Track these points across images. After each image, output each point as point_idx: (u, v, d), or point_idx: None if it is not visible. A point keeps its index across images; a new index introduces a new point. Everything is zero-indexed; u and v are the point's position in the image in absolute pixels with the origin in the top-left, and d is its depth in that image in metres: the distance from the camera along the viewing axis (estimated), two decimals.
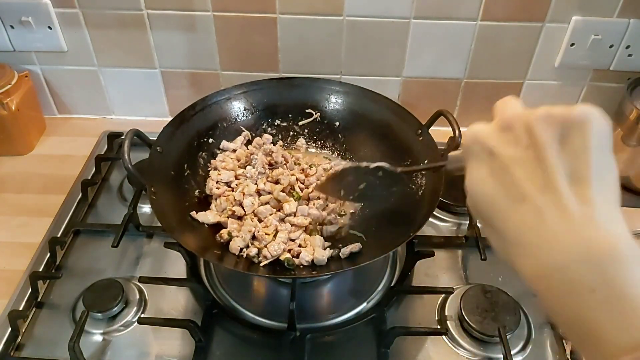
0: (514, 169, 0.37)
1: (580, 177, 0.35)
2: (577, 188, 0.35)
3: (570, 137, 0.36)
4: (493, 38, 0.92)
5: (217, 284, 0.77)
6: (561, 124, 0.36)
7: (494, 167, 0.38)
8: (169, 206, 0.70)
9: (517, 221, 0.37)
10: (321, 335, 0.71)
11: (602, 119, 0.36)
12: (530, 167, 0.36)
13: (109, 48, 0.97)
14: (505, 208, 0.37)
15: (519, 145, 0.37)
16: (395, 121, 0.82)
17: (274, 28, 0.92)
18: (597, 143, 0.36)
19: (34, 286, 0.74)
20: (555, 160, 0.36)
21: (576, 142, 0.36)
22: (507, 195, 0.37)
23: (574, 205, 0.35)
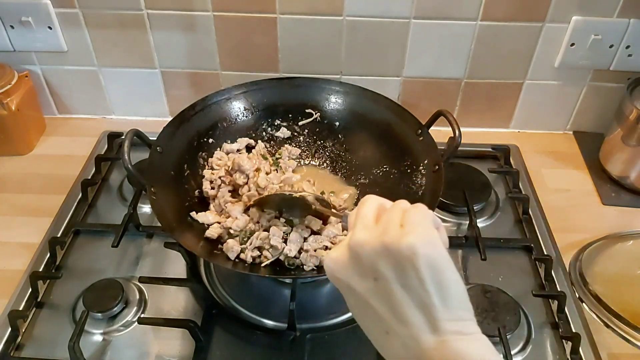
0: (372, 301, 0.41)
1: (426, 305, 0.39)
2: (427, 315, 0.39)
3: (406, 271, 0.39)
4: (493, 38, 0.92)
5: (217, 284, 0.77)
6: (396, 259, 0.39)
7: (357, 299, 0.42)
8: (169, 206, 0.70)
9: (389, 350, 0.42)
10: (321, 335, 0.71)
11: (429, 246, 0.39)
12: (384, 300, 0.40)
13: (109, 48, 0.97)
14: (377, 338, 0.43)
15: (369, 278, 0.41)
16: (395, 121, 0.82)
17: (274, 28, 0.92)
18: (429, 273, 0.39)
19: (34, 286, 0.74)
20: (400, 295, 0.40)
21: (411, 276, 0.39)
22: (375, 327, 0.42)
23: (426, 335, 0.39)
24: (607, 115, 0.98)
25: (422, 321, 0.39)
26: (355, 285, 0.42)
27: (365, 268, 0.41)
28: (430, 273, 0.39)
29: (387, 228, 0.40)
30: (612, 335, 0.69)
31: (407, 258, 0.39)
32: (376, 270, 0.40)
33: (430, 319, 0.39)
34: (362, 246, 0.41)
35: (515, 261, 0.82)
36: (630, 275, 0.78)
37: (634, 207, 0.90)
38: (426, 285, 0.39)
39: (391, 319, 0.40)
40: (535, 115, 1.04)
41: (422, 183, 0.75)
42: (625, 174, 0.93)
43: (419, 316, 0.39)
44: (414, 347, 0.40)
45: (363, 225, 0.42)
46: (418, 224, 0.40)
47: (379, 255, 0.40)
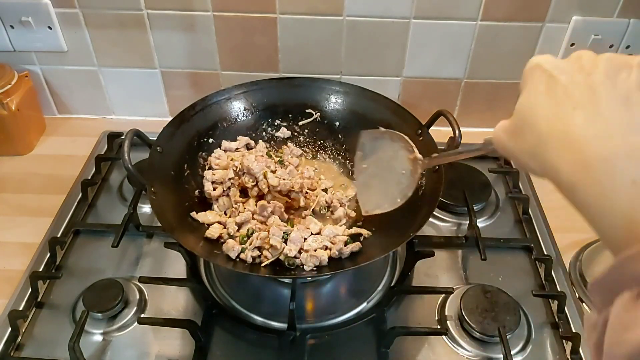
0: (572, 90, 0.38)
1: (633, 100, 0.36)
2: (629, 106, 0.36)
3: (626, 74, 0.37)
4: (493, 38, 0.92)
5: (217, 284, 0.77)
6: (624, 65, 0.37)
7: (551, 85, 0.40)
8: (169, 206, 0.70)
9: (568, 121, 0.38)
10: (321, 335, 0.71)
11: None
12: (588, 90, 0.37)
13: (109, 48, 0.97)
14: (558, 114, 0.39)
15: (582, 72, 0.38)
16: (395, 121, 0.82)
17: (274, 28, 0.92)
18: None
19: (34, 286, 0.74)
20: (611, 86, 0.37)
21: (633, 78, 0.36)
22: (560, 104, 0.39)
23: (624, 113, 0.36)
24: None
25: (625, 114, 0.36)
26: (563, 74, 0.39)
27: (582, 64, 0.39)
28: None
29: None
30: None
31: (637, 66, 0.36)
32: (597, 66, 0.38)
33: (632, 108, 0.36)
34: (584, 52, 0.39)
35: (516, 261, 0.82)
36: None
37: None
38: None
39: (584, 96, 0.37)
40: None
41: (422, 183, 0.75)
42: None
43: (622, 106, 0.36)
44: (602, 119, 0.36)
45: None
46: None
47: (605, 58, 0.38)
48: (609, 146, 0.35)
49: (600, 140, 0.36)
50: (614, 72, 0.37)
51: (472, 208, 0.84)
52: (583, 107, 0.37)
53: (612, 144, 0.35)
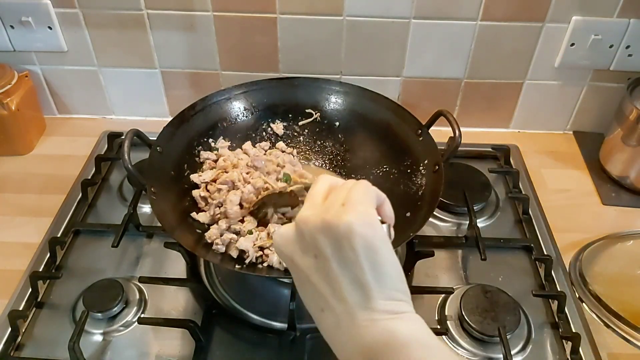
0: (312, 278, 0.42)
1: (361, 283, 0.40)
2: (361, 292, 0.40)
3: (343, 249, 0.40)
4: (493, 38, 0.92)
5: (217, 284, 0.77)
6: (334, 236, 0.40)
7: (298, 275, 0.44)
8: (168, 206, 0.70)
9: (324, 326, 0.43)
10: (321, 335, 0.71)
11: (365, 226, 0.40)
12: (322, 277, 0.42)
13: (109, 48, 0.97)
14: (315, 314, 0.44)
15: (310, 255, 0.42)
16: (395, 121, 0.82)
17: (274, 28, 0.92)
18: (364, 252, 0.40)
19: (34, 286, 0.74)
20: (338, 271, 0.41)
21: (349, 254, 0.40)
22: (313, 303, 0.43)
23: (360, 312, 0.40)
24: (607, 115, 0.98)
25: (357, 298, 0.40)
26: (298, 260, 0.43)
27: (307, 244, 0.42)
28: (365, 252, 0.40)
29: (329, 206, 0.42)
30: (612, 335, 0.69)
31: (344, 236, 0.40)
32: (316, 247, 0.41)
33: (364, 297, 0.40)
34: (305, 223, 0.42)
35: (515, 261, 0.82)
36: (631, 275, 0.78)
37: (634, 207, 0.90)
38: (361, 263, 0.40)
39: (328, 295, 0.41)
40: (535, 115, 1.04)
41: (422, 183, 0.75)
42: (625, 174, 0.93)
43: (353, 293, 0.40)
44: (347, 324, 0.41)
45: (310, 204, 0.44)
46: (358, 202, 0.41)
47: (320, 232, 0.41)
48: (353, 353, 0.41)
49: (346, 346, 0.41)
50: (335, 245, 0.41)
51: (472, 208, 0.84)
52: (329, 309, 0.42)
53: (355, 350, 0.41)
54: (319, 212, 0.42)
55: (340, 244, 0.40)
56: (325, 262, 0.41)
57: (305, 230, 0.42)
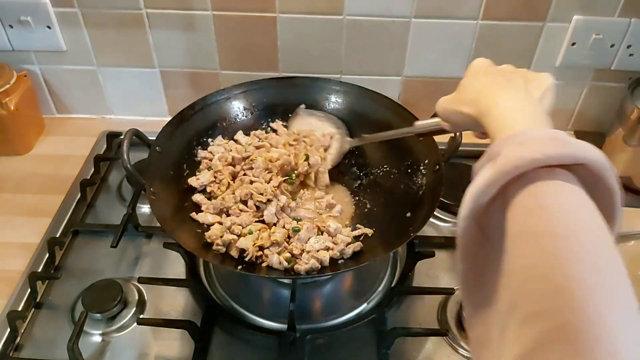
0: (502, 74, 0.54)
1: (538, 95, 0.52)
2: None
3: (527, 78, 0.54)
4: (494, 37, 0.92)
5: (217, 285, 0.77)
6: (529, 77, 0.54)
7: (489, 69, 0.56)
8: (168, 206, 0.70)
9: (504, 84, 0.52)
10: (321, 336, 0.71)
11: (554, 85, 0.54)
12: (509, 78, 0.53)
13: (108, 47, 0.97)
14: (497, 80, 0.53)
15: (508, 72, 0.55)
16: (396, 121, 0.81)
17: (273, 27, 0.92)
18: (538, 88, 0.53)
19: (33, 286, 0.74)
20: (524, 81, 0.53)
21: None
22: (495, 78, 0.54)
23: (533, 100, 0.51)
24: (608, 115, 0.98)
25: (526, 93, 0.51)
26: (495, 70, 0.56)
27: (506, 69, 0.55)
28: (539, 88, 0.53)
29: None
30: None
31: (546, 79, 0.54)
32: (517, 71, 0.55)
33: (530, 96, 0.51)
34: (509, 66, 0.56)
35: None
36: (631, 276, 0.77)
37: (635, 207, 0.90)
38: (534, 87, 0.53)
39: (511, 78, 0.53)
40: None
41: (423, 183, 0.75)
42: (627, 174, 0.92)
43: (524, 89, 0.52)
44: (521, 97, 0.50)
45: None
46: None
47: (519, 72, 0.55)
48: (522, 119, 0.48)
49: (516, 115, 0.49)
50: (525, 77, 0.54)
51: None
52: (508, 83, 0.52)
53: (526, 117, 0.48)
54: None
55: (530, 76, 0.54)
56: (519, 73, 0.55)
57: (508, 66, 0.56)
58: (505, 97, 0.50)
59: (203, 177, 0.76)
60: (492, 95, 0.51)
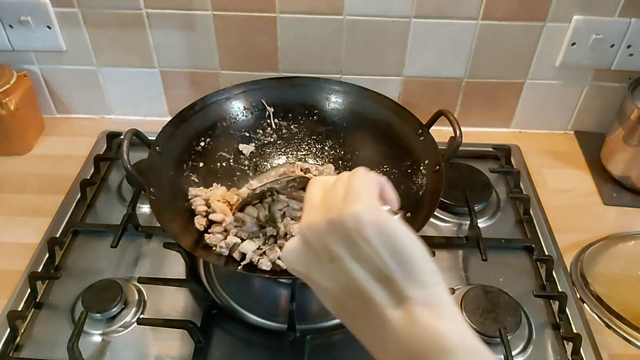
0: (334, 286, 0.38)
1: (386, 275, 0.36)
2: (389, 287, 0.36)
3: (356, 243, 0.36)
4: (494, 37, 0.92)
5: (217, 285, 0.77)
6: (343, 233, 0.36)
7: (321, 289, 0.40)
8: (168, 206, 0.70)
9: (359, 333, 0.39)
10: (321, 336, 0.71)
11: (373, 212, 0.37)
12: (344, 281, 0.37)
13: (108, 47, 0.97)
14: (347, 323, 0.40)
15: (325, 261, 0.38)
16: (396, 121, 0.82)
17: (273, 27, 0.92)
18: (379, 239, 0.36)
19: (32, 286, 0.74)
20: (357, 270, 0.37)
21: (363, 247, 0.36)
22: (343, 312, 0.39)
23: (393, 311, 0.36)
24: (608, 115, 0.98)
25: (385, 295, 0.36)
26: (316, 274, 0.39)
27: (318, 252, 0.38)
28: (380, 239, 0.36)
29: (330, 205, 0.38)
30: (613, 335, 0.69)
31: (354, 229, 0.36)
32: (328, 251, 0.37)
33: (392, 291, 0.36)
34: (309, 229, 0.39)
35: (516, 261, 0.81)
36: (632, 276, 0.78)
37: (635, 207, 0.90)
38: (379, 253, 0.36)
39: (355, 299, 0.37)
40: (537, 115, 1.03)
41: (423, 183, 0.75)
42: (627, 174, 0.92)
43: (380, 291, 0.36)
44: (382, 327, 0.36)
45: (309, 208, 0.40)
46: (359, 191, 0.38)
47: (327, 234, 0.37)
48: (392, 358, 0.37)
49: (388, 349, 0.37)
50: (348, 243, 0.37)
51: (473, 208, 0.84)
52: (358, 314, 0.38)
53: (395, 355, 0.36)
54: (320, 214, 0.38)
55: (351, 239, 0.36)
56: (341, 264, 0.37)
57: (311, 238, 0.38)
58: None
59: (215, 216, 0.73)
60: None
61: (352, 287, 0.37)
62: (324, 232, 0.37)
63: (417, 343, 0.34)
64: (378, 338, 0.37)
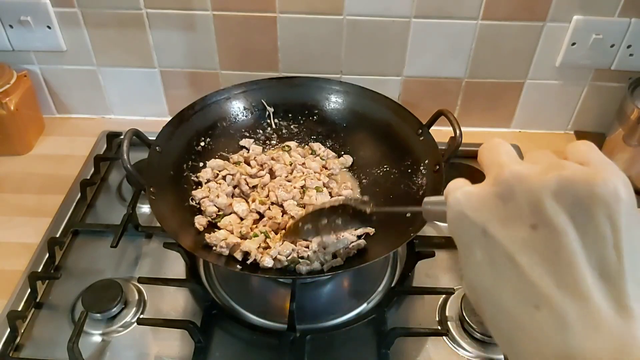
0: (520, 258, 0.29)
1: (611, 272, 0.27)
2: (609, 287, 0.27)
3: (595, 219, 0.27)
4: (494, 37, 0.92)
5: (217, 285, 0.77)
6: (580, 201, 0.28)
7: (492, 253, 0.30)
8: (168, 206, 0.70)
9: (532, 331, 0.28)
10: (321, 336, 0.71)
11: (630, 192, 0.28)
12: (544, 256, 0.28)
13: (108, 47, 0.97)
14: (514, 313, 0.29)
15: (523, 223, 0.29)
16: (396, 121, 0.82)
17: (273, 27, 0.92)
18: (626, 226, 0.27)
19: (32, 286, 0.73)
20: (577, 250, 0.27)
21: (602, 225, 0.27)
22: (516, 296, 0.29)
23: (608, 316, 0.27)
24: (608, 115, 0.98)
25: (601, 292, 0.27)
26: (496, 231, 0.30)
27: (521, 209, 0.29)
28: (628, 228, 0.27)
29: (557, 164, 0.29)
30: None
31: (603, 202, 0.27)
32: (540, 214, 0.28)
33: (613, 292, 0.27)
34: (520, 180, 0.29)
35: None
36: None
37: None
38: (621, 241, 0.27)
39: (549, 284, 0.28)
40: (537, 115, 1.03)
41: (423, 183, 0.75)
42: (627, 174, 0.90)
43: (597, 284, 0.27)
44: (579, 328, 0.27)
45: (514, 160, 0.31)
46: (608, 162, 0.30)
47: (551, 194, 0.28)
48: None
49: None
50: (574, 214, 0.28)
51: None
52: (549, 305, 0.28)
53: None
54: (543, 170, 0.29)
55: (590, 212, 0.27)
56: (551, 235, 0.28)
57: (518, 190, 0.29)
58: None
59: (204, 173, 0.77)
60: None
61: (556, 267, 0.28)
62: (545, 190, 0.28)
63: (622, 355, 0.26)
64: (577, 347, 0.27)
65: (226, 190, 0.75)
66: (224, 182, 0.77)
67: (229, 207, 0.74)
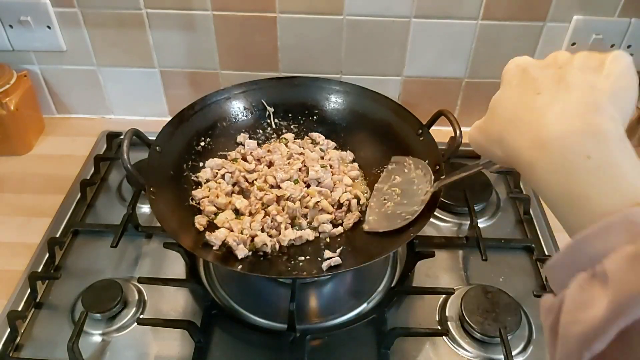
0: (540, 79, 0.40)
1: (596, 87, 0.37)
2: (593, 92, 0.37)
3: (591, 58, 0.39)
4: (494, 37, 0.92)
5: (217, 285, 0.77)
6: (595, 56, 0.39)
7: (523, 78, 0.41)
8: (168, 206, 0.70)
9: (530, 106, 0.39)
10: (321, 336, 0.71)
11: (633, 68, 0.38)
12: (554, 79, 0.39)
13: (108, 47, 0.97)
14: (522, 100, 0.40)
15: (554, 67, 0.40)
16: (396, 121, 0.82)
17: (273, 27, 0.92)
18: (617, 72, 0.37)
19: (32, 286, 0.73)
20: (579, 75, 0.38)
21: (595, 61, 0.38)
22: (526, 91, 0.40)
23: (586, 96, 0.36)
24: None
25: (588, 97, 0.36)
26: (536, 68, 0.41)
27: (555, 60, 0.41)
28: (618, 73, 0.37)
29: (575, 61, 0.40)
30: None
31: (612, 56, 0.38)
32: (569, 62, 0.39)
33: (594, 99, 0.36)
34: (559, 54, 0.41)
35: (516, 261, 0.81)
36: None
37: None
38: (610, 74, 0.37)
39: (548, 83, 0.39)
40: None
41: None
42: None
43: (586, 90, 0.37)
44: (561, 99, 0.37)
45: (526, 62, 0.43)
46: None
47: (579, 56, 0.39)
48: (564, 124, 0.36)
49: (557, 119, 0.36)
50: (586, 65, 0.38)
51: (473, 208, 0.84)
52: (546, 92, 0.38)
53: (568, 122, 0.36)
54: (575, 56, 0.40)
55: (599, 61, 0.38)
56: (567, 69, 0.39)
57: (561, 54, 0.41)
58: (547, 136, 0.36)
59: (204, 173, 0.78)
60: (518, 136, 0.39)
61: (559, 74, 0.39)
62: (578, 55, 0.39)
63: (596, 121, 0.35)
64: (557, 109, 0.37)
65: (226, 190, 0.75)
66: (223, 181, 0.77)
67: (228, 205, 0.74)
